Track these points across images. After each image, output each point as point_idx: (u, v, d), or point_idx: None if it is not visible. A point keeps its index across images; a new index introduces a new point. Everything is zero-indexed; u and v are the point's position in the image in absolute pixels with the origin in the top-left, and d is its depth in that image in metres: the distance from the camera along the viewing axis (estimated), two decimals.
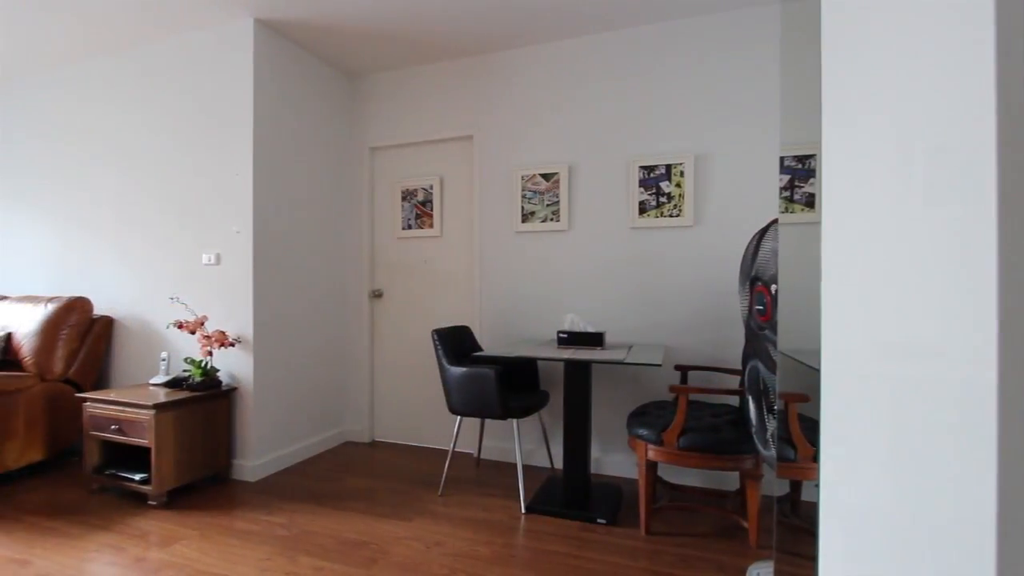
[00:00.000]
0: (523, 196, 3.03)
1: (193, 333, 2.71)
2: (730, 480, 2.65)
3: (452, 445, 2.61)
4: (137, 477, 2.45)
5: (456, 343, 2.72)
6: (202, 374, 2.66)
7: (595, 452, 2.90)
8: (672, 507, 2.42)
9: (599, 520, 2.26)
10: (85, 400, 2.60)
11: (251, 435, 2.77)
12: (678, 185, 2.73)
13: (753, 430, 1.81)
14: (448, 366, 2.50)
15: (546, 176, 2.98)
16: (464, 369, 2.45)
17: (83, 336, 3.04)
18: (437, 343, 2.55)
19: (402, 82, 3.38)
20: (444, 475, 2.64)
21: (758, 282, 1.63)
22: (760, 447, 1.77)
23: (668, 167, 2.74)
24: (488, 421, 3.13)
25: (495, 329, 3.12)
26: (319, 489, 2.65)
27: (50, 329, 2.92)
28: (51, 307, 2.98)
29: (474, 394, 2.43)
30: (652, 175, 2.77)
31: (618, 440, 2.86)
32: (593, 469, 2.88)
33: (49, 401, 2.83)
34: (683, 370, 2.60)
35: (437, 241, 3.33)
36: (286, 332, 2.98)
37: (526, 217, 3.03)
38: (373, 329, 3.49)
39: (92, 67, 3.27)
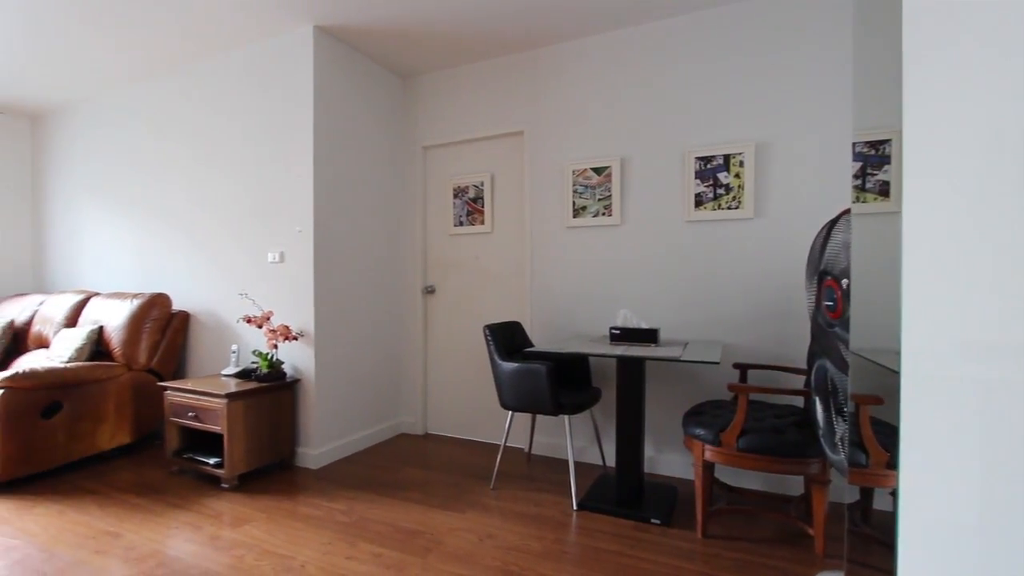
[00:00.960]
0: (574, 191, 3.00)
1: (260, 327, 2.87)
2: (793, 484, 2.53)
3: (503, 440, 2.63)
4: (211, 461, 2.62)
5: (507, 339, 2.74)
6: (268, 366, 2.81)
7: (648, 451, 2.84)
8: (730, 510, 2.34)
9: (653, 520, 2.21)
10: (166, 389, 2.81)
11: (313, 425, 2.90)
12: (737, 176, 2.62)
13: (820, 433, 1.72)
14: (500, 361, 2.52)
15: (597, 170, 2.94)
16: (516, 365, 2.46)
17: (163, 329, 3.28)
18: (489, 338, 2.57)
19: (453, 81, 3.42)
20: (496, 469, 2.67)
21: (827, 276, 1.53)
22: (828, 451, 1.68)
23: (726, 157, 2.64)
24: (539, 417, 3.14)
25: (546, 325, 3.11)
26: (376, 478, 2.74)
27: (135, 323, 3.17)
28: (136, 303, 3.24)
29: (526, 390, 2.44)
30: (709, 166, 2.67)
31: (672, 439, 2.79)
32: (646, 468, 2.82)
33: (135, 389, 3.08)
34: (742, 368, 2.50)
35: (488, 237, 3.35)
36: (344, 327, 3.10)
37: (577, 212, 3.00)
38: (426, 324, 3.56)
39: (170, 82, 3.51)
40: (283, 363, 2.93)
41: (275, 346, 2.84)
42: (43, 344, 3.49)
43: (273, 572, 1.84)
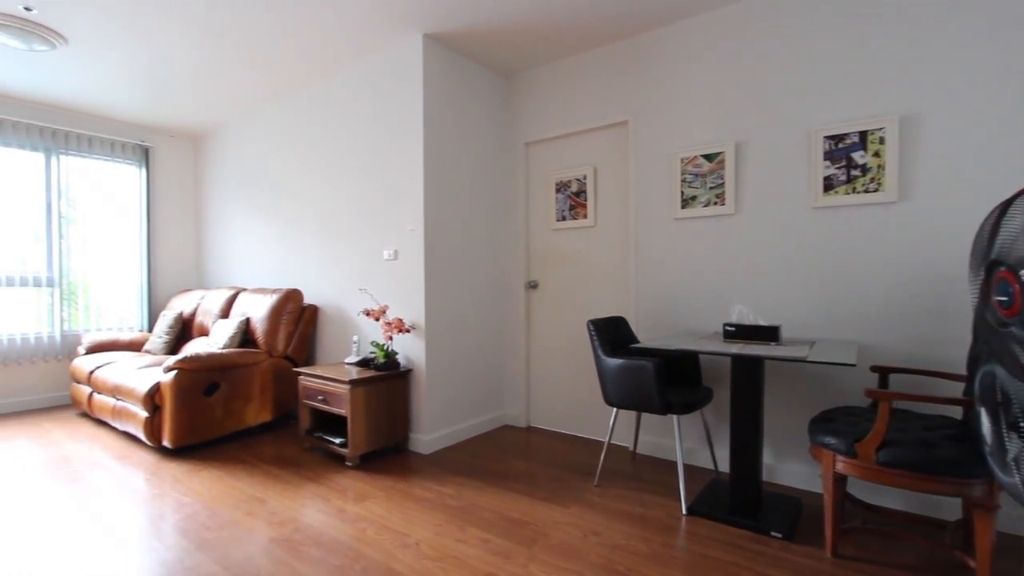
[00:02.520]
0: (683, 180, 2.85)
1: (377, 320, 3.09)
2: (948, 507, 2.20)
3: (608, 437, 2.59)
4: (337, 440, 2.88)
5: (612, 334, 2.68)
6: (384, 356, 3.02)
7: (767, 458, 2.63)
8: (866, 530, 2.09)
9: (773, 533, 2.05)
10: (299, 374, 3.13)
11: (424, 412, 3.07)
12: (876, 155, 2.32)
13: (987, 450, 1.47)
14: (604, 357, 2.47)
15: (709, 157, 2.77)
16: (621, 361, 2.40)
17: (297, 321, 3.67)
18: (593, 334, 2.54)
19: (554, 76, 3.41)
20: (600, 466, 2.63)
21: (1000, 267, 1.30)
22: (997, 472, 1.43)
23: (862, 134, 2.34)
24: (645, 415, 3.04)
25: (652, 320, 3.00)
26: (482, 467, 2.83)
27: (274, 315, 3.58)
28: (274, 297, 3.65)
29: (631, 387, 2.37)
30: (841, 145, 2.40)
31: (796, 447, 2.56)
32: (764, 477, 2.62)
33: (275, 373, 3.48)
34: (882, 372, 2.22)
35: (591, 231, 3.31)
36: (452, 320, 3.24)
37: (686, 202, 2.85)
38: (529, 319, 3.61)
39: (298, 99, 3.90)
40: (397, 353, 3.13)
41: (390, 338, 3.05)
42: (204, 332, 4.06)
43: (391, 547, 1.98)
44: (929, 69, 2.22)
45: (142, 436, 3.04)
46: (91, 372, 3.63)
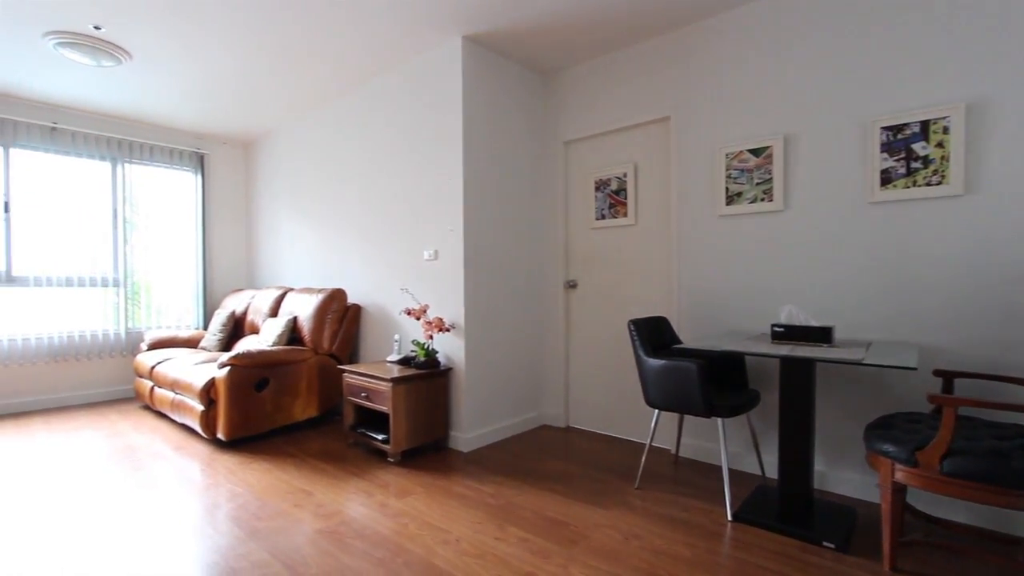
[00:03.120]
0: (728, 176, 2.77)
1: (418, 319, 3.15)
2: (1021, 522, 2.04)
3: (649, 439, 2.54)
4: (379, 437, 2.95)
5: (653, 334, 2.63)
6: (425, 354, 3.06)
7: (819, 465, 2.52)
8: (928, 543, 1.96)
9: (826, 543, 1.96)
10: (344, 371, 3.22)
11: (464, 410, 3.10)
12: (939, 145, 2.18)
13: None
14: (646, 358, 2.43)
15: (755, 151, 2.67)
16: (663, 361, 2.35)
17: (341, 319, 3.77)
18: (634, 334, 2.50)
19: (593, 73, 3.38)
20: (641, 468, 2.59)
21: None
22: None
23: (924, 124, 2.21)
24: (688, 418, 2.97)
25: (695, 321, 2.93)
26: (521, 466, 2.84)
27: (320, 314, 3.69)
28: (319, 297, 3.76)
29: (674, 388, 2.32)
30: (900, 136, 2.27)
31: (851, 454, 2.44)
32: (816, 484, 2.51)
33: (320, 370, 3.59)
34: (946, 376, 2.08)
35: (631, 230, 3.26)
36: (491, 320, 3.26)
37: (731, 199, 2.76)
38: (568, 319, 3.59)
39: (341, 105, 4.01)
40: (437, 352, 3.18)
41: (431, 337, 3.10)
42: (255, 330, 4.24)
43: (432, 542, 2.01)
44: (998, 51, 2.07)
45: (198, 428, 3.20)
46: (152, 367, 3.85)
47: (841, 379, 2.46)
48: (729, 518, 2.20)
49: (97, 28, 2.98)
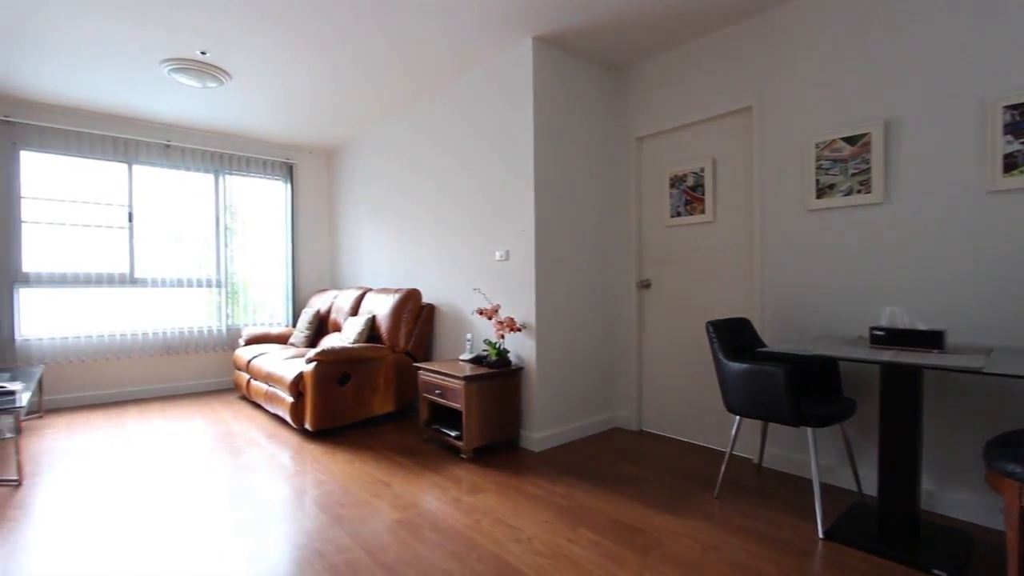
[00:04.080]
0: (818, 167, 2.57)
1: (490, 319, 3.19)
2: None
3: (729, 446, 2.41)
4: (453, 433, 3.02)
5: (734, 337, 2.50)
6: (497, 354, 3.10)
7: (926, 483, 2.28)
8: None
9: (936, 571, 1.76)
10: (419, 368, 3.33)
11: (535, 410, 3.10)
12: None
13: None
14: (726, 361, 2.31)
15: (850, 139, 2.46)
16: (745, 365, 2.23)
17: (416, 319, 3.91)
18: (713, 336, 2.38)
19: (667, 65, 3.27)
20: (720, 477, 2.46)
21: None
22: None
23: None
24: (773, 426, 2.79)
25: (781, 323, 2.74)
26: (593, 469, 2.79)
27: (396, 313, 3.85)
28: (396, 296, 3.92)
29: (758, 394, 2.19)
30: None
31: (965, 473, 2.18)
32: (924, 505, 2.27)
33: (397, 367, 3.74)
34: None
35: (709, 227, 3.11)
36: (563, 320, 3.24)
37: (822, 191, 2.56)
38: (641, 319, 3.49)
39: (415, 112, 4.16)
40: (509, 352, 3.21)
41: (502, 336, 3.13)
42: (337, 328, 4.49)
43: (504, 540, 2.03)
44: None
45: (288, 419, 3.44)
46: (249, 361, 4.19)
47: (954, 389, 2.20)
48: (820, 535, 2.04)
49: (203, 53, 3.29)
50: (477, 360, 3.26)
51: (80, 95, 3.99)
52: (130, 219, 4.58)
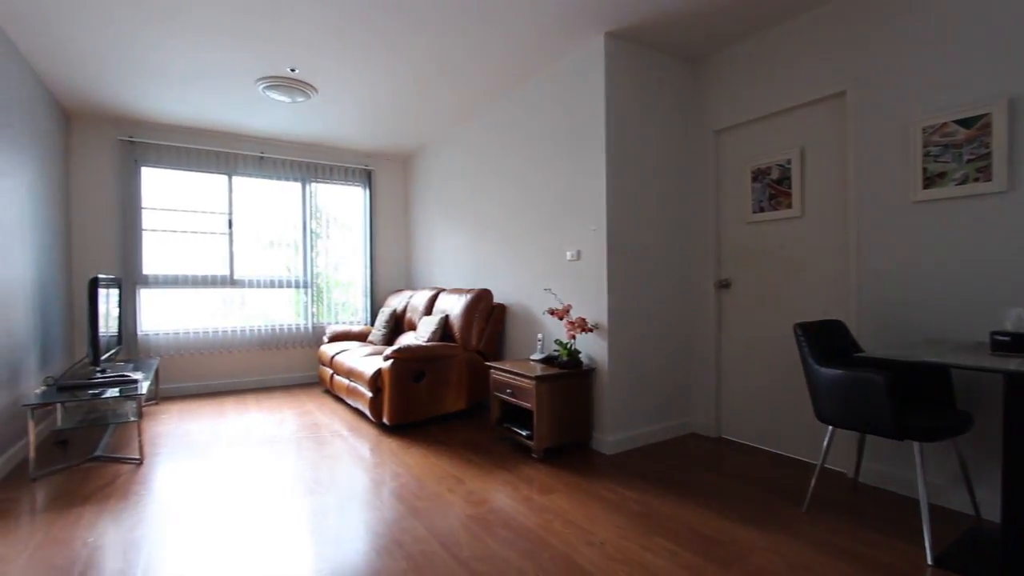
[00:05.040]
0: (925, 153, 2.33)
1: (561, 319, 3.17)
2: None
3: (821, 459, 2.24)
4: (524, 433, 3.03)
5: (825, 340, 2.32)
6: (568, 354, 3.08)
7: None
8: None
9: None
10: (490, 367, 3.38)
11: (607, 412, 3.05)
12: None
13: None
14: (816, 367, 2.15)
15: (965, 122, 2.21)
16: (839, 372, 2.06)
17: (487, 318, 3.97)
18: (802, 339, 2.22)
19: (748, 54, 3.09)
20: (810, 491, 2.29)
21: None
22: None
23: None
24: (871, 438, 2.56)
25: (880, 326, 2.51)
26: (668, 475, 2.70)
27: (468, 313, 3.93)
28: (468, 296, 4.00)
29: (854, 403, 2.01)
30: None
31: None
32: None
33: (469, 365, 3.81)
34: None
35: (796, 223, 2.91)
36: (636, 321, 3.16)
37: (931, 180, 2.31)
38: (720, 321, 3.33)
39: (486, 114, 4.22)
40: (580, 352, 3.17)
41: (573, 336, 3.10)
42: (412, 327, 4.66)
43: (576, 542, 2.00)
44: None
45: (367, 413, 3.61)
46: (332, 357, 4.45)
47: None
48: (930, 562, 1.84)
49: (293, 70, 3.53)
50: (548, 360, 3.25)
51: (189, 115, 4.43)
52: (230, 225, 5.01)
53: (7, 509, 2.35)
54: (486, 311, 3.95)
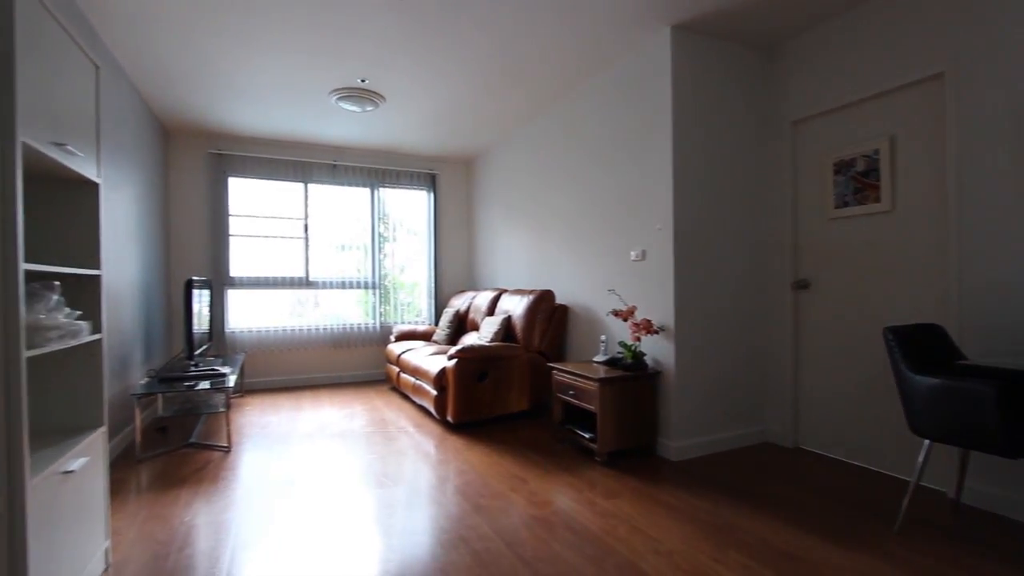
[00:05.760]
0: None
1: (625, 320, 3.11)
2: None
3: (915, 475, 2.05)
4: (587, 435, 2.99)
5: (922, 346, 2.12)
6: (632, 357, 3.01)
7: None
8: None
9: None
10: (552, 368, 3.37)
11: (673, 417, 2.95)
12: None
13: None
14: (911, 375, 1.97)
15: None
16: (938, 381, 1.87)
17: (549, 319, 3.96)
18: (893, 345, 2.05)
19: (827, 38, 2.89)
20: (903, 510, 2.10)
21: None
22: None
23: None
24: (976, 455, 2.31)
25: (987, 331, 2.26)
26: (739, 485, 2.57)
27: (530, 314, 3.93)
28: (530, 297, 4.01)
29: (957, 416, 1.82)
30: None
31: None
32: None
33: (531, 366, 3.82)
34: None
35: (885, 218, 2.68)
36: (705, 322, 3.04)
37: None
38: (797, 323, 3.13)
39: (549, 114, 4.21)
40: (645, 355, 3.09)
41: (638, 338, 3.03)
42: (475, 327, 4.73)
43: (642, 550, 1.95)
44: None
45: (432, 410, 3.70)
46: (399, 355, 4.60)
47: None
48: None
49: (363, 80, 3.69)
50: (612, 362, 3.19)
51: (270, 128, 4.74)
52: (305, 230, 5.31)
53: (119, 487, 2.61)
54: (548, 312, 3.94)
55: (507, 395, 3.70)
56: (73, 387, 1.79)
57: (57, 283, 1.57)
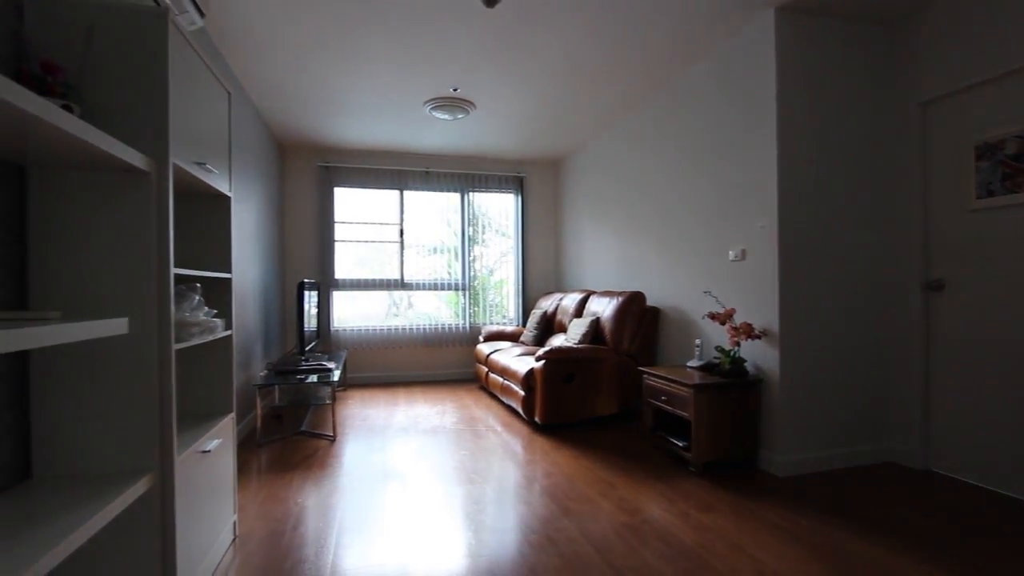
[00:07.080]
0: None
1: (723, 324, 2.94)
2: None
3: None
4: (680, 443, 2.86)
5: None
6: (730, 363, 2.83)
7: None
8: None
9: None
10: (643, 372, 3.26)
11: (777, 429, 2.74)
12: None
13: None
14: None
15: None
16: None
17: (640, 322, 3.84)
18: None
19: (962, 5, 2.53)
20: None
21: None
22: None
23: None
24: None
25: None
26: (857, 507, 2.32)
27: (619, 315, 3.85)
28: (619, 299, 3.92)
29: None
30: None
31: None
32: None
33: (620, 369, 3.73)
34: None
35: None
36: (815, 327, 2.79)
37: None
38: (929, 329, 2.77)
39: (640, 111, 4.09)
40: (745, 361, 2.90)
41: (737, 343, 2.85)
42: (562, 329, 4.71)
43: (743, 569, 1.83)
44: None
45: (520, 410, 3.74)
46: (488, 355, 4.70)
47: None
48: None
49: (455, 89, 3.83)
50: (707, 368, 3.03)
51: (369, 139, 5.08)
52: (401, 235, 5.61)
53: (244, 468, 2.92)
54: (638, 314, 3.83)
55: (595, 398, 3.64)
56: (208, 377, 2.02)
57: (199, 285, 1.79)
